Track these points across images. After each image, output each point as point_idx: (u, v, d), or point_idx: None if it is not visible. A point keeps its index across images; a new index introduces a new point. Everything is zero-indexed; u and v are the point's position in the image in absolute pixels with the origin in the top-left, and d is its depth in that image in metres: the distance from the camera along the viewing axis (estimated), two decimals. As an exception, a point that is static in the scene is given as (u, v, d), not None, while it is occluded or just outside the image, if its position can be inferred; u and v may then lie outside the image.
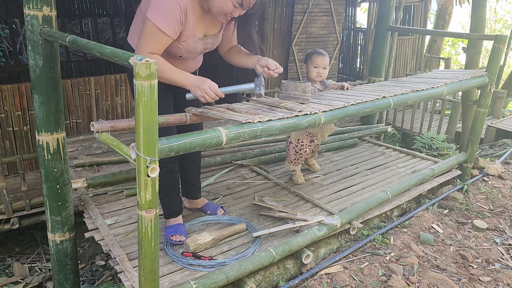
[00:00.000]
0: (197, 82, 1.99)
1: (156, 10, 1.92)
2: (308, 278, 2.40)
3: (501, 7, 13.11)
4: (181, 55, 2.17)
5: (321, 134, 3.27)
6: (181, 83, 2.02)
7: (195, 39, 2.13)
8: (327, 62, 3.02)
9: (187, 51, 2.15)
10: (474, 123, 3.65)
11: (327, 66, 3.03)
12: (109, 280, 3.03)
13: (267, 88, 5.85)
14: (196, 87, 1.99)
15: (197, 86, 1.98)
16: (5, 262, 3.31)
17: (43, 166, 2.23)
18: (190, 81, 2.01)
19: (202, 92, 1.97)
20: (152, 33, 1.93)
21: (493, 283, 2.43)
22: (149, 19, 1.92)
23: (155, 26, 1.91)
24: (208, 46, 2.28)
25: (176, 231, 2.44)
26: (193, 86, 2.00)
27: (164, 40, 1.97)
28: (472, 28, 4.34)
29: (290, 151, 3.26)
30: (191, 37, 2.10)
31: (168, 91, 2.23)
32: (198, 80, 2.00)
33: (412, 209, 3.28)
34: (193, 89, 2.00)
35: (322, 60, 2.99)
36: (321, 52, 3.01)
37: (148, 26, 1.93)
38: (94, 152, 3.75)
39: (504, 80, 8.30)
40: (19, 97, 3.68)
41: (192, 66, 2.32)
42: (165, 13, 1.92)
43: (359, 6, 8.97)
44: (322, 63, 2.99)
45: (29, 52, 2.05)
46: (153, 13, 1.91)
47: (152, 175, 1.46)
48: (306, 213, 2.79)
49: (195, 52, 2.22)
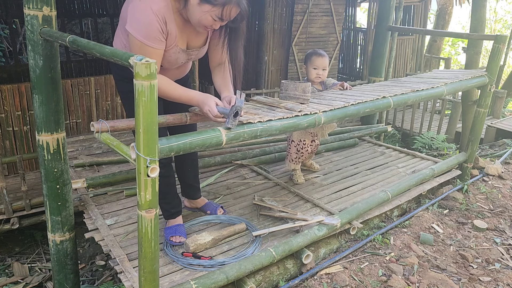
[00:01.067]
0: (201, 103, 1.95)
1: (136, 24, 1.85)
2: (308, 278, 2.40)
3: (501, 7, 13.12)
4: (162, 65, 2.08)
5: (321, 133, 3.28)
6: (189, 103, 2.00)
7: (177, 50, 2.06)
8: (326, 63, 3.01)
9: (168, 61, 2.08)
10: (474, 123, 3.65)
11: (327, 67, 3.02)
12: (109, 280, 3.03)
13: (267, 88, 5.86)
14: (203, 104, 1.94)
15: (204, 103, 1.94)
16: (5, 262, 3.31)
17: (43, 166, 2.23)
18: (196, 100, 1.97)
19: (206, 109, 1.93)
20: (142, 51, 1.87)
21: (493, 283, 2.43)
22: (132, 35, 1.86)
23: (141, 43, 1.86)
24: (192, 57, 2.21)
25: (175, 232, 2.44)
26: (201, 104, 1.95)
27: (156, 54, 1.92)
28: (472, 28, 4.34)
29: (291, 149, 3.26)
30: (173, 47, 2.04)
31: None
32: (202, 101, 1.95)
33: (412, 209, 3.28)
34: (201, 107, 1.96)
35: (321, 61, 2.99)
36: (321, 53, 3.00)
37: (134, 44, 1.88)
38: (94, 152, 3.75)
39: (504, 80, 8.29)
40: (19, 97, 3.68)
41: (176, 75, 2.27)
42: (145, 27, 1.85)
43: (359, 6, 8.98)
44: (321, 65, 2.99)
45: (29, 52, 2.04)
46: (134, 28, 1.85)
47: (152, 175, 1.46)
48: (306, 213, 2.79)
49: (177, 63, 2.15)
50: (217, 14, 1.88)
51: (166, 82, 1.96)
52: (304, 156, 3.28)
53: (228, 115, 1.80)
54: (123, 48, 2.06)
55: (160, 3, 1.88)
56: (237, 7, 1.88)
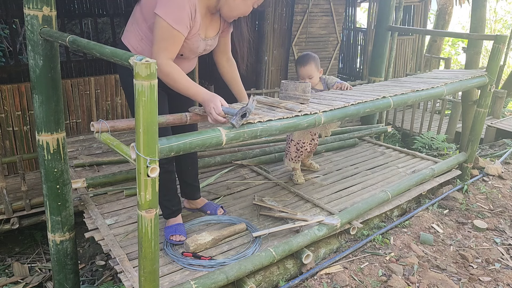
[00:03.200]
0: (207, 101, 1.93)
1: (167, 7, 1.86)
2: (308, 278, 2.40)
3: (501, 7, 13.12)
4: (183, 54, 2.12)
5: (324, 131, 3.28)
6: (194, 97, 1.98)
7: (199, 39, 2.11)
8: (311, 71, 2.99)
9: (190, 49, 2.12)
10: (474, 123, 3.65)
11: (314, 74, 3.00)
12: (109, 280, 3.03)
13: (267, 88, 5.86)
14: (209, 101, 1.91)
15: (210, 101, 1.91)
16: (5, 262, 3.31)
17: (43, 166, 2.23)
18: (201, 97, 1.95)
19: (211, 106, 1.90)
20: (167, 35, 1.88)
21: (493, 283, 2.43)
22: (161, 17, 1.86)
23: (169, 25, 1.86)
24: (208, 48, 2.26)
25: (176, 231, 2.44)
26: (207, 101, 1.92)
27: (179, 40, 1.93)
28: (472, 28, 4.34)
29: (291, 148, 3.26)
30: (196, 36, 2.08)
31: (163, 91, 2.20)
32: (208, 99, 1.93)
33: (412, 209, 3.28)
34: (206, 104, 1.93)
35: (305, 71, 2.99)
36: (304, 61, 2.98)
37: (161, 26, 1.88)
38: (94, 152, 3.75)
39: (504, 80, 8.30)
40: (19, 97, 3.68)
41: (187, 67, 2.29)
42: (176, 10, 1.87)
43: (359, 6, 8.97)
44: (306, 74, 3.00)
45: (29, 52, 2.05)
46: (164, 10, 1.86)
47: (152, 175, 1.46)
48: (306, 213, 2.79)
49: (196, 52, 2.20)
50: (259, 2, 2.05)
51: (179, 71, 1.96)
52: (304, 155, 3.28)
53: (237, 113, 1.80)
54: (139, 41, 2.09)
55: None
56: None
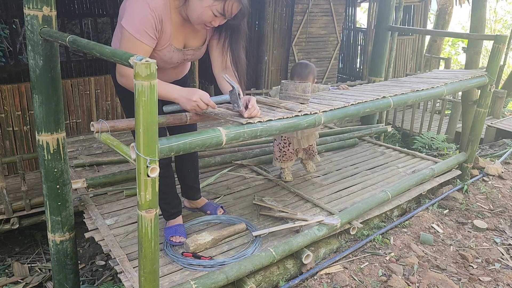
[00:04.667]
0: (186, 94, 1.86)
1: (131, 18, 1.86)
2: (308, 278, 2.40)
3: (501, 7, 13.12)
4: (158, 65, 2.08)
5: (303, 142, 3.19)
6: (167, 97, 1.89)
7: (172, 49, 2.05)
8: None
9: (162, 60, 2.06)
10: (474, 123, 3.65)
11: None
12: (109, 280, 3.03)
13: (267, 88, 5.86)
14: (185, 99, 1.85)
15: (186, 98, 1.85)
16: (5, 262, 3.31)
17: (43, 166, 2.23)
18: (177, 93, 1.88)
19: (193, 104, 1.84)
20: (131, 45, 1.87)
21: (493, 283, 2.43)
22: (125, 28, 1.86)
23: (131, 36, 1.86)
24: (188, 58, 2.19)
25: (175, 232, 2.44)
26: (182, 99, 1.86)
27: (144, 50, 1.90)
28: (472, 28, 4.34)
29: (274, 148, 3.27)
30: (168, 46, 2.02)
31: None
32: (187, 92, 1.87)
33: (412, 209, 3.28)
34: (183, 102, 1.86)
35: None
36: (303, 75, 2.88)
37: (125, 36, 1.88)
38: (94, 152, 3.75)
39: (504, 80, 8.30)
40: (19, 97, 3.68)
41: (173, 76, 2.25)
42: (139, 22, 1.85)
43: (359, 6, 8.98)
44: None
45: (29, 52, 2.04)
46: (128, 22, 1.86)
47: (152, 175, 1.46)
48: (306, 213, 2.79)
49: (171, 63, 2.13)
50: (218, 9, 1.87)
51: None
52: (288, 155, 3.25)
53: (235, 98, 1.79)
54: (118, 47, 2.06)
55: (159, 1, 1.88)
56: (238, 3, 1.88)
